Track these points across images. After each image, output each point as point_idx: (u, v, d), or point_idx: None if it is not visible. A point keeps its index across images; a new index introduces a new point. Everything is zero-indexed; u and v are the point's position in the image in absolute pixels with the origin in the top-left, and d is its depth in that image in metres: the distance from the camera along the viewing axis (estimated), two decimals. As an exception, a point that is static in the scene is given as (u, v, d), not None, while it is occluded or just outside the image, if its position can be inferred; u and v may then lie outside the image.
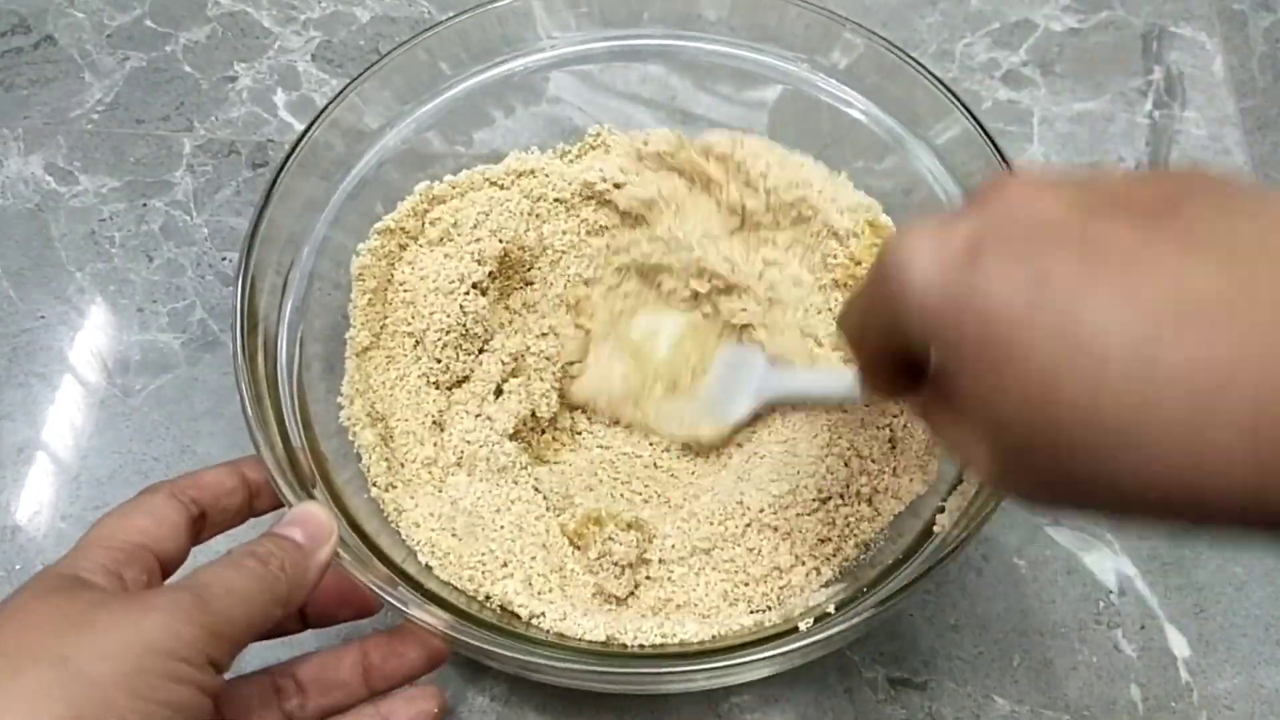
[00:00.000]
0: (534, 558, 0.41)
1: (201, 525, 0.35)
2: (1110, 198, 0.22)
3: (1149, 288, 0.20)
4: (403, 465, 0.43)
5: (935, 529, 0.39)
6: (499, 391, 0.46)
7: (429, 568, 0.40)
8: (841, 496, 0.42)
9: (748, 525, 0.42)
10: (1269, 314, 0.19)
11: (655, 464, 0.47)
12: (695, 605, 0.41)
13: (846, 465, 0.43)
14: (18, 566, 0.45)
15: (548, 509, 0.43)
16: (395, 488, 0.42)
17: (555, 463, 0.47)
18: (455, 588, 0.40)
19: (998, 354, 0.21)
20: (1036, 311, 0.21)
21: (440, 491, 0.43)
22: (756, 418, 0.46)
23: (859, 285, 0.29)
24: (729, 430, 0.46)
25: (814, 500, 0.42)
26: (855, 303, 0.28)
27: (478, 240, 0.45)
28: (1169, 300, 0.20)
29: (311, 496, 0.37)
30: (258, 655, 0.37)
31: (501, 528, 0.41)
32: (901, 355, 0.28)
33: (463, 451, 0.43)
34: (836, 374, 0.44)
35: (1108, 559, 0.45)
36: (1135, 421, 0.20)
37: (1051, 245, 0.21)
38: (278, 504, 0.37)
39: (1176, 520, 0.21)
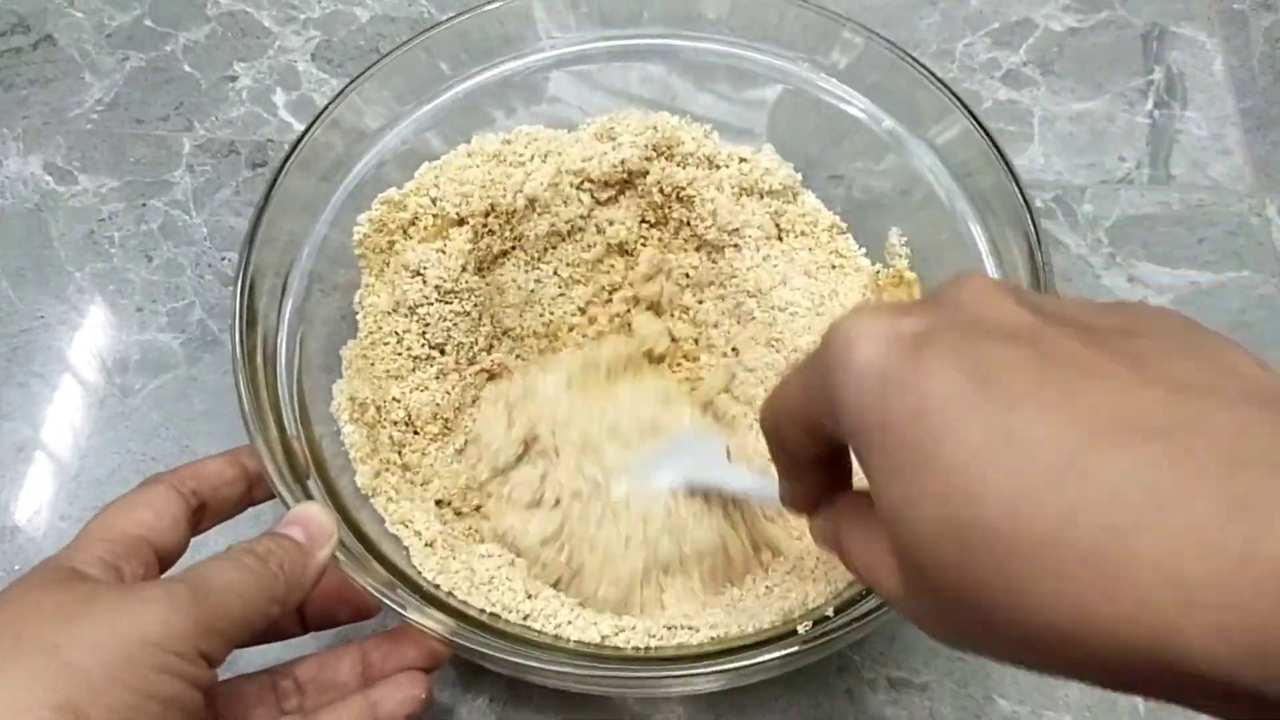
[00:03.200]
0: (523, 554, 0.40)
1: (201, 516, 0.35)
2: (1069, 315, 0.22)
3: (1092, 400, 0.19)
4: (387, 465, 0.43)
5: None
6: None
7: (424, 571, 0.40)
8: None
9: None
10: (1209, 454, 0.18)
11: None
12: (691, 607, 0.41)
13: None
14: (17, 566, 0.45)
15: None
16: (384, 489, 0.42)
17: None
18: (451, 592, 0.40)
19: (925, 449, 0.20)
20: (972, 408, 0.20)
21: (428, 489, 0.43)
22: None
23: (789, 370, 0.27)
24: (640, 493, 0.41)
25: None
26: (783, 388, 0.27)
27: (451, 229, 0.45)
28: (1111, 417, 0.18)
29: (310, 497, 0.37)
30: (258, 656, 0.37)
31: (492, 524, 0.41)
32: (821, 458, 0.27)
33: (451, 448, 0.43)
34: (766, 480, 0.39)
35: (1108, 559, 0.45)
36: (1054, 538, 0.18)
37: (1001, 345, 0.20)
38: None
39: (1081, 674, 0.19)
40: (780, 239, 0.48)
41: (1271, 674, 0.16)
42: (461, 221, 0.45)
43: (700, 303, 0.49)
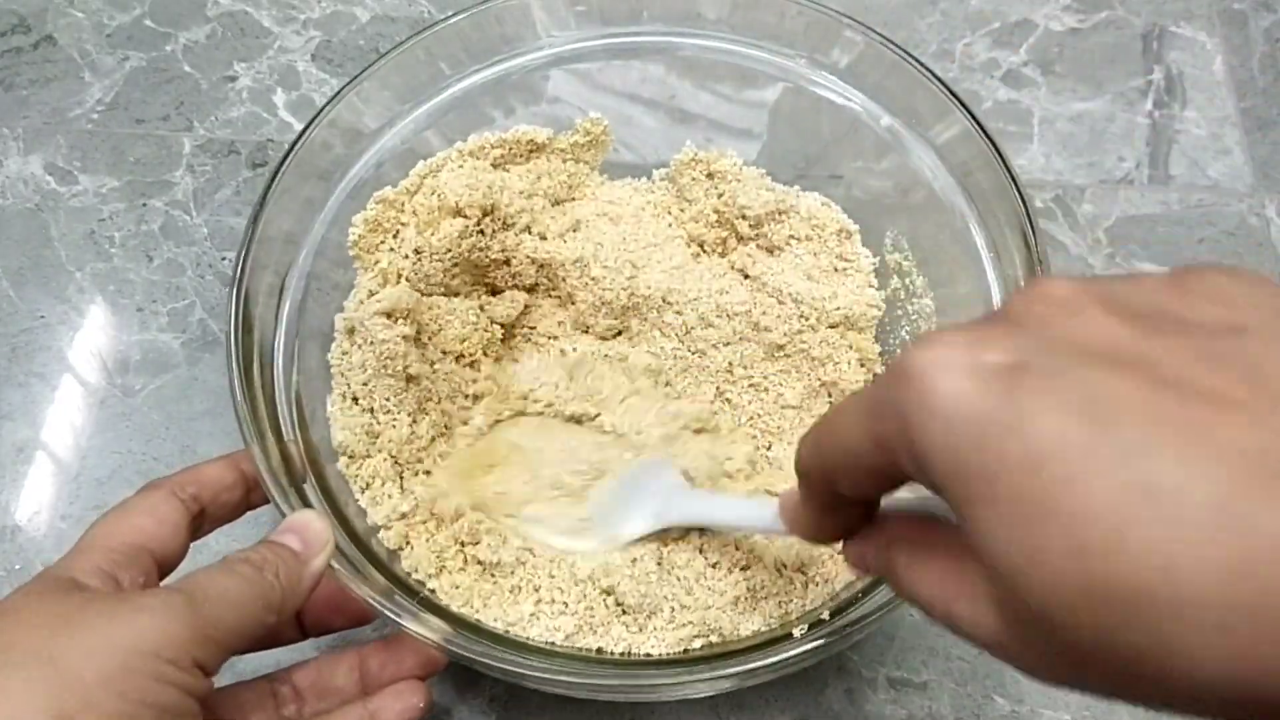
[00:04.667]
0: (523, 563, 0.40)
1: (201, 521, 0.35)
2: (1159, 311, 0.20)
3: (1228, 436, 0.17)
4: (378, 472, 0.43)
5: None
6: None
7: (419, 575, 0.40)
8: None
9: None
10: None
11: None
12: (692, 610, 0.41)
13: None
14: (17, 566, 0.45)
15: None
16: (380, 497, 0.42)
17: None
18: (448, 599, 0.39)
19: (1046, 502, 0.18)
20: (1093, 454, 0.18)
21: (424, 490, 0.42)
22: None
23: (842, 403, 0.25)
24: (617, 548, 0.41)
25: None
26: (836, 427, 0.24)
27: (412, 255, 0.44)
28: (1255, 457, 0.17)
29: (307, 502, 0.37)
30: (256, 660, 0.37)
31: (486, 531, 0.41)
32: (867, 491, 0.25)
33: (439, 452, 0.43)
34: (757, 504, 0.38)
35: (1108, 559, 0.45)
36: (1223, 596, 0.16)
37: (1105, 373, 0.19)
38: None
39: (1227, 714, 0.18)
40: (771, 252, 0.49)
41: None
42: (458, 212, 0.44)
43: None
